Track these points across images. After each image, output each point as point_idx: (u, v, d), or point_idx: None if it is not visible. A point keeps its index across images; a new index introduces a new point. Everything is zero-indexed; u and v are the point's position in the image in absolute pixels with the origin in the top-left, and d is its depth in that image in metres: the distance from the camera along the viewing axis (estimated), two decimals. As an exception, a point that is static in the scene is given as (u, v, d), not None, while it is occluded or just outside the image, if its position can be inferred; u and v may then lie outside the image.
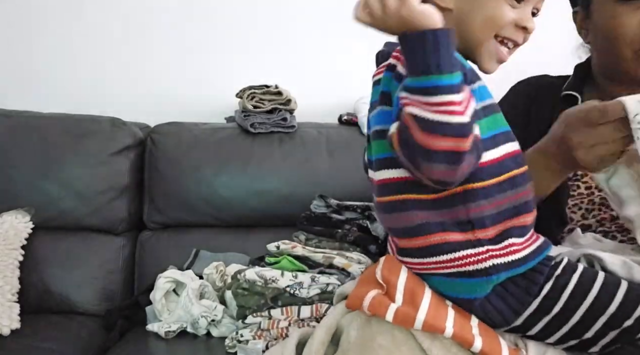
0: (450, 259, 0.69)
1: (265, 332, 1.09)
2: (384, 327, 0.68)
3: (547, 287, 0.71)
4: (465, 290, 0.70)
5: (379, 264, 0.74)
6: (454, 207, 0.69)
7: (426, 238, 0.70)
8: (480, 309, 0.71)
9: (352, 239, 1.24)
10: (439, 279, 0.71)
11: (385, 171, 0.72)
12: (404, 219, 0.71)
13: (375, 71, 0.79)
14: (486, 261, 0.68)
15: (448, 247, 0.69)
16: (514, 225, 0.71)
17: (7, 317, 1.27)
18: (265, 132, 1.59)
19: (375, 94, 0.76)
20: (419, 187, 0.69)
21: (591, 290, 0.70)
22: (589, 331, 0.70)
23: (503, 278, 0.70)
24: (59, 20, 1.78)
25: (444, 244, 0.69)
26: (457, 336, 0.66)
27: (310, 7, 1.82)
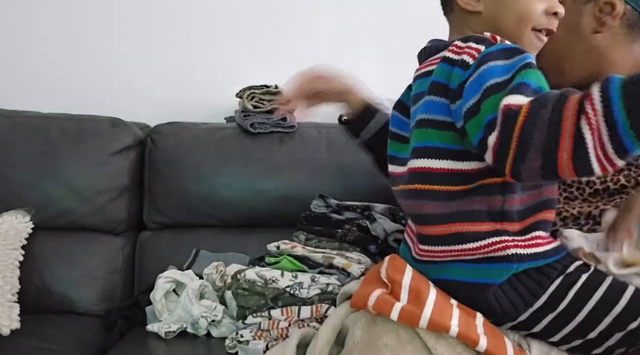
0: (477, 247, 0.72)
1: (265, 333, 1.08)
2: (389, 326, 0.69)
3: (555, 284, 0.72)
4: (485, 274, 0.72)
5: (383, 263, 0.75)
6: (491, 196, 0.72)
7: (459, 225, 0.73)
8: (494, 297, 0.72)
9: (351, 239, 1.24)
10: (459, 266, 0.73)
11: (428, 160, 0.74)
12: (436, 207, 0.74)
13: (421, 65, 0.82)
14: (509, 249, 0.71)
15: (475, 235, 0.72)
16: (543, 219, 0.74)
17: (7, 317, 1.27)
18: (265, 132, 1.59)
19: (421, 86, 0.79)
20: (459, 178, 0.72)
21: (598, 290, 0.71)
22: (594, 331, 0.71)
23: (522, 268, 0.72)
24: (59, 20, 1.78)
25: (472, 232, 0.72)
26: (462, 335, 0.66)
27: (310, 7, 1.82)
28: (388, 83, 1.66)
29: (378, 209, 1.33)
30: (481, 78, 0.68)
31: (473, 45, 0.73)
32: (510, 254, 0.71)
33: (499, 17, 0.79)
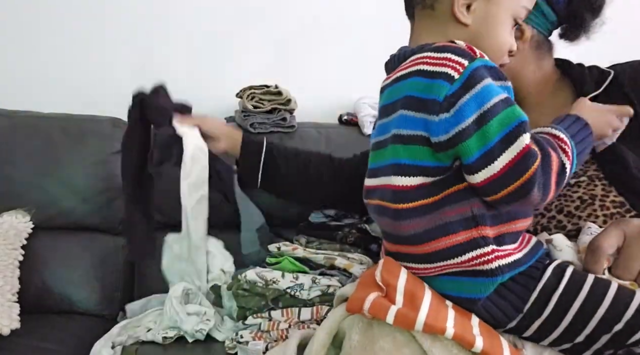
0: (460, 262, 0.71)
1: (265, 334, 1.09)
2: (385, 330, 0.69)
3: (537, 290, 0.73)
4: (469, 290, 0.71)
5: (378, 267, 0.74)
6: (460, 203, 0.71)
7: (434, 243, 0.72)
8: (483, 309, 0.72)
9: (352, 241, 1.25)
10: (444, 279, 0.73)
11: (404, 178, 0.73)
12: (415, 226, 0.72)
13: (390, 74, 0.80)
14: (492, 262, 0.70)
15: (455, 249, 0.71)
16: (508, 231, 0.73)
17: (7, 317, 1.27)
18: (265, 132, 1.59)
19: (390, 97, 0.77)
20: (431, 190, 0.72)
21: (580, 293, 0.71)
22: (581, 335, 0.71)
23: (507, 278, 0.71)
24: (59, 20, 1.78)
25: (451, 247, 0.71)
26: (457, 337, 0.66)
27: (310, 7, 1.82)
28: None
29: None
30: (480, 98, 0.68)
31: (453, 58, 0.70)
32: (493, 267, 0.70)
33: (481, 38, 0.79)
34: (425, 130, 0.71)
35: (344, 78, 1.82)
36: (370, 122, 1.62)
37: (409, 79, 0.73)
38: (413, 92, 0.72)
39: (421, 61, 0.73)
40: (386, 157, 0.77)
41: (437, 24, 0.81)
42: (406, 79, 0.74)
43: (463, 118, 0.68)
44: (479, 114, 0.67)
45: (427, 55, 0.73)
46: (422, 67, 0.72)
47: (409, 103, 0.73)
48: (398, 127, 0.74)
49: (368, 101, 1.69)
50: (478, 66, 0.70)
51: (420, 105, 0.71)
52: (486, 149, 0.67)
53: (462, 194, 0.71)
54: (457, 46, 0.73)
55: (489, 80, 0.69)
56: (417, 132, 0.72)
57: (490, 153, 0.66)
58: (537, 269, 0.74)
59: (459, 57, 0.70)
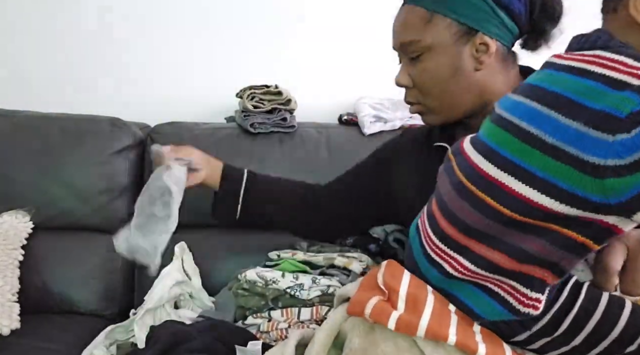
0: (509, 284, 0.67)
1: (265, 334, 1.08)
2: (387, 334, 0.68)
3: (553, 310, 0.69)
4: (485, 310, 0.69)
5: (380, 269, 0.74)
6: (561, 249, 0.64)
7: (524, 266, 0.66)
8: (491, 325, 0.71)
9: (351, 242, 1.25)
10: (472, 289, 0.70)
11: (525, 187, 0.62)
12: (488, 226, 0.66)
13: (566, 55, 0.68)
14: (526, 307, 0.67)
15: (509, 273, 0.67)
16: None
17: (7, 317, 1.27)
18: (265, 132, 1.59)
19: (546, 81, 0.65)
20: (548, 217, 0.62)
21: (594, 314, 0.68)
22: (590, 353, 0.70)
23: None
24: (59, 20, 1.78)
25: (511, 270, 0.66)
26: (460, 344, 0.65)
27: (310, 7, 1.82)
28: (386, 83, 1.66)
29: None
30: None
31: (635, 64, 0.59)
32: (522, 311, 0.67)
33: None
34: (576, 145, 0.58)
35: (344, 78, 1.82)
36: (371, 122, 1.62)
37: (583, 80, 0.61)
38: (579, 97, 0.60)
39: (611, 65, 0.60)
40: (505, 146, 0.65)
41: (620, 28, 0.70)
42: (582, 77, 0.62)
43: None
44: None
45: (623, 61, 0.60)
46: (609, 73, 0.60)
47: (565, 106, 0.60)
48: (535, 124, 0.62)
49: (368, 101, 1.69)
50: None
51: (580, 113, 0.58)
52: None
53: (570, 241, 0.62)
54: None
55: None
56: (563, 145, 0.59)
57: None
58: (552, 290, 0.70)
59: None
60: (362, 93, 1.74)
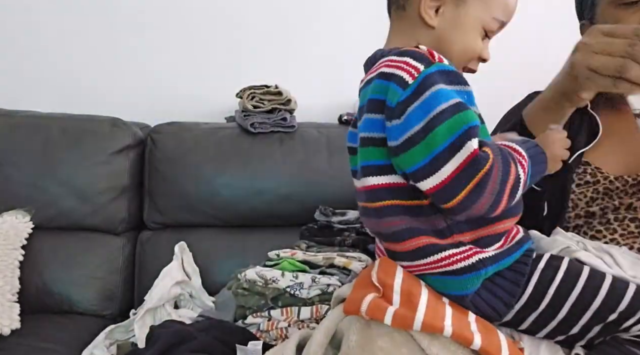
0: (438, 260, 0.71)
1: (265, 333, 1.08)
2: (383, 329, 0.68)
3: (533, 282, 0.73)
4: (457, 287, 0.71)
5: (374, 267, 0.74)
6: (433, 216, 0.71)
7: (412, 241, 0.72)
8: (472, 305, 0.72)
9: (350, 243, 1.25)
10: (432, 278, 0.73)
11: (374, 178, 0.73)
12: (393, 224, 0.73)
13: (365, 76, 0.79)
14: (472, 257, 0.70)
15: (433, 248, 0.71)
16: (489, 233, 0.73)
17: (7, 317, 1.27)
18: (265, 132, 1.59)
19: (362, 99, 0.77)
20: (404, 192, 0.72)
21: (576, 285, 0.72)
22: (576, 326, 0.72)
23: (491, 272, 0.71)
24: (59, 20, 1.78)
25: (429, 245, 0.71)
26: (456, 335, 0.66)
27: (310, 7, 1.82)
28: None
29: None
30: (427, 105, 0.67)
31: (411, 62, 0.70)
32: (474, 261, 0.70)
33: (447, 40, 0.78)
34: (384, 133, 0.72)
35: (344, 78, 1.82)
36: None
37: (372, 82, 0.74)
38: (375, 95, 0.73)
39: (384, 64, 0.73)
40: (360, 159, 0.76)
41: (407, 25, 0.81)
42: (370, 82, 0.74)
43: (411, 125, 0.67)
44: (426, 121, 0.66)
45: (389, 58, 0.73)
46: (383, 69, 0.72)
47: (372, 106, 0.73)
48: (364, 130, 0.74)
49: (368, 101, 1.69)
50: (432, 72, 0.69)
51: (380, 107, 0.72)
52: (432, 156, 0.66)
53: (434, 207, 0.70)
54: (418, 50, 0.72)
55: (440, 86, 0.68)
56: (381, 135, 0.72)
57: (436, 160, 0.66)
58: (525, 264, 0.74)
59: (417, 61, 0.70)
60: (362, 93, 1.74)
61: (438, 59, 0.71)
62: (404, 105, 0.68)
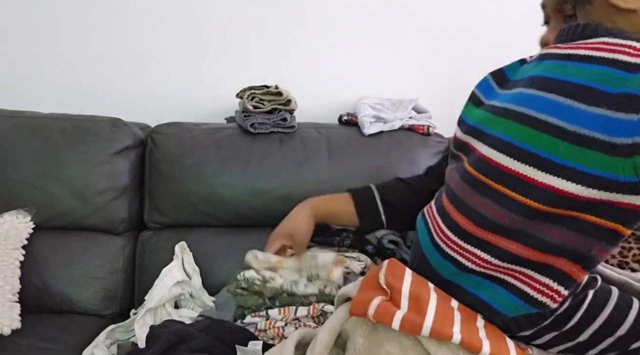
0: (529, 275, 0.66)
1: (263, 333, 1.09)
2: (390, 333, 0.68)
3: (564, 306, 0.69)
4: (503, 303, 0.69)
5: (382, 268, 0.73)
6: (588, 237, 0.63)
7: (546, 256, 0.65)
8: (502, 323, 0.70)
9: (348, 244, 1.25)
10: (487, 285, 0.69)
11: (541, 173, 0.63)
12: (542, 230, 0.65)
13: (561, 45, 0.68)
14: (544, 296, 0.66)
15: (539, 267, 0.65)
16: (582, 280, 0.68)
17: (8, 317, 1.27)
18: (265, 132, 1.59)
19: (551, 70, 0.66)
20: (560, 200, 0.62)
21: (604, 311, 0.69)
22: (594, 349, 0.71)
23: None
24: (59, 20, 1.78)
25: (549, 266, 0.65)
26: (465, 342, 0.65)
27: (310, 7, 1.82)
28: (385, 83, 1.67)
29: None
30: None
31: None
32: (550, 303, 0.66)
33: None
34: (602, 130, 0.59)
35: (344, 78, 1.82)
36: (371, 122, 1.62)
37: (595, 66, 0.62)
38: (594, 83, 0.61)
39: (621, 50, 0.61)
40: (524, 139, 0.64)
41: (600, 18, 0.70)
42: (591, 64, 0.62)
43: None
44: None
45: (631, 45, 0.61)
46: (622, 57, 0.61)
47: (585, 95, 0.61)
48: (557, 116, 0.62)
49: (368, 101, 1.69)
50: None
51: (602, 99, 0.60)
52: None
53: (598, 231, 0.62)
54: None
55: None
56: (589, 132, 0.60)
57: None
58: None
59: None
60: (362, 93, 1.75)
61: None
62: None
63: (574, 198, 0.61)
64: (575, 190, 0.60)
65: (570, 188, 0.60)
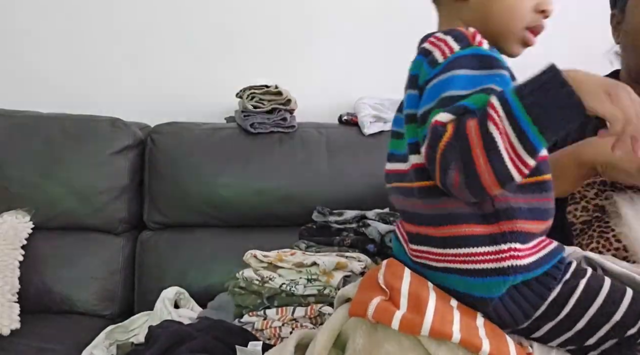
0: (470, 253, 0.68)
1: (259, 332, 1.08)
2: (390, 333, 0.68)
3: (555, 293, 0.70)
4: (482, 289, 0.69)
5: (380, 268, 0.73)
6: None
7: (452, 228, 0.69)
8: (494, 311, 0.70)
9: (349, 243, 1.25)
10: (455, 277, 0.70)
11: (416, 156, 0.71)
12: (437, 206, 0.70)
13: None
14: (505, 261, 0.68)
15: (473, 240, 0.68)
16: (520, 230, 0.69)
17: (7, 317, 1.27)
18: (265, 132, 1.59)
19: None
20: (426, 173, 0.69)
21: (597, 298, 0.70)
22: (592, 338, 0.71)
23: (519, 280, 0.69)
24: (59, 20, 1.78)
25: (469, 236, 0.68)
26: (464, 341, 0.65)
27: (310, 7, 1.82)
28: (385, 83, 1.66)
29: (369, 215, 1.34)
30: (441, 87, 0.66)
31: (450, 42, 0.69)
32: (506, 266, 0.67)
33: (486, 11, 0.75)
34: (415, 107, 0.70)
35: (344, 78, 1.82)
36: (371, 122, 1.62)
37: (415, 58, 0.74)
38: (413, 71, 0.72)
39: (428, 40, 0.72)
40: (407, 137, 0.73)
41: (448, 11, 0.79)
42: (418, 54, 0.74)
43: (422, 105, 0.68)
44: (432, 105, 0.66)
45: (435, 35, 0.72)
46: (425, 45, 0.72)
47: (410, 82, 0.73)
48: (407, 106, 0.73)
49: (368, 101, 1.69)
50: (464, 54, 0.68)
51: (414, 83, 0.72)
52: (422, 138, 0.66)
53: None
54: (461, 31, 0.71)
55: (462, 71, 0.66)
56: (413, 111, 0.71)
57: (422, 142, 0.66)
58: (555, 278, 0.71)
59: (455, 42, 0.69)
60: (362, 93, 1.74)
61: (478, 43, 0.69)
62: (428, 83, 0.68)
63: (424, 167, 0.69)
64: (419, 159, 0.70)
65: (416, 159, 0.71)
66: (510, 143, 0.59)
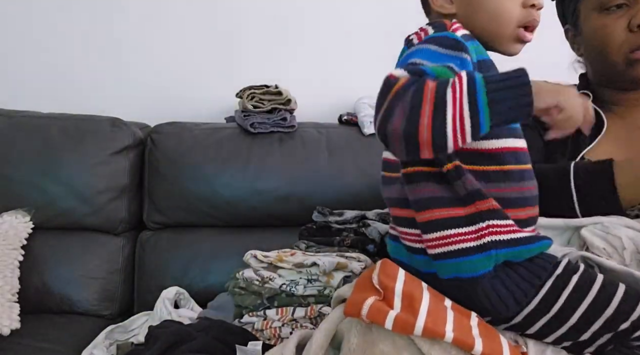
0: (449, 235, 0.70)
1: (259, 333, 1.08)
2: (384, 333, 0.68)
3: (547, 286, 0.72)
4: (468, 268, 0.70)
5: (375, 269, 0.74)
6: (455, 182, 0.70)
7: (432, 212, 0.71)
8: (485, 296, 0.71)
9: (349, 243, 1.25)
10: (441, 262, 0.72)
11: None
12: (418, 191, 0.72)
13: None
14: (484, 237, 0.69)
15: (452, 222, 0.70)
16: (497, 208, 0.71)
17: (7, 317, 1.27)
18: (265, 132, 1.59)
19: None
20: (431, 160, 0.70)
21: (589, 293, 0.71)
22: (586, 333, 0.72)
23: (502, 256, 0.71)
24: (59, 20, 1.78)
25: (447, 218, 0.70)
26: (457, 340, 0.65)
27: (310, 7, 1.82)
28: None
29: (369, 215, 1.34)
30: (409, 55, 0.70)
31: (428, 29, 0.74)
32: (485, 242, 0.69)
33: (472, 18, 0.76)
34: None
35: (344, 78, 1.82)
36: (370, 122, 1.62)
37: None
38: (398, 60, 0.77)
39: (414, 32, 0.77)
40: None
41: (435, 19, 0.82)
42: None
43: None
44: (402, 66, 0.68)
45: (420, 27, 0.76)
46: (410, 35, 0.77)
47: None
48: None
49: (368, 101, 1.69)
50: (436, 36, 0.71)
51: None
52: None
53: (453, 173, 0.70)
54: (444, 22, 0.74)
55: (431, 46, 0.70)
56: None
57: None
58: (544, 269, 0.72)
59: (432, 29, 0.73)
60: (362, 93, 1.74)
61: (453, 30, 0.72)
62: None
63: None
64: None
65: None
66: (461, 113, 0.62)
